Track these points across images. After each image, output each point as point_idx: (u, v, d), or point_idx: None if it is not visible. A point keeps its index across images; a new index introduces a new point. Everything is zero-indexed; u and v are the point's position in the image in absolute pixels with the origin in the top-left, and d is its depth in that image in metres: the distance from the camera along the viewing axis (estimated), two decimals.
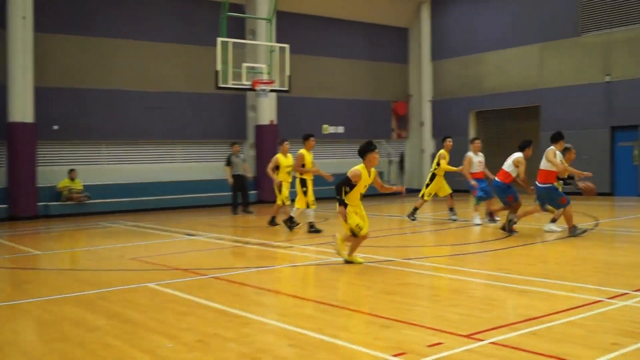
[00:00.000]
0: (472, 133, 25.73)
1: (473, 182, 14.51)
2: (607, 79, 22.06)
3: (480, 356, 5.12)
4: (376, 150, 9.19)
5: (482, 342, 5.44)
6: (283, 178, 14.63)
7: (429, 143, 27.56)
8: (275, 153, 22.31)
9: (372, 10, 26.38)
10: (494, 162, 16.30)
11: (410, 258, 10.16)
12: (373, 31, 26.92)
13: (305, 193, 13.52)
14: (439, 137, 26.82)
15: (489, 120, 26.08)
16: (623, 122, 21.79)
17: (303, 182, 13.56)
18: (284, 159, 14.69)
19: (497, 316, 6.33)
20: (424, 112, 27.76)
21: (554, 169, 12.11)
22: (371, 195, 24.73)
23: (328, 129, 23.12)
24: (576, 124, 22.44)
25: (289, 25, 23.34)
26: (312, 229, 13.54)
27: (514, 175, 12.68)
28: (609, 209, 13.35)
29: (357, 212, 9.25)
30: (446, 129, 26.46)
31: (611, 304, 6.73)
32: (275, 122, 22.69)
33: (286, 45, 18.68)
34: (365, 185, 9.21)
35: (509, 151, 24.47)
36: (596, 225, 12.72)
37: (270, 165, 14.77)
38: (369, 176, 9.17)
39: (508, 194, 12.78)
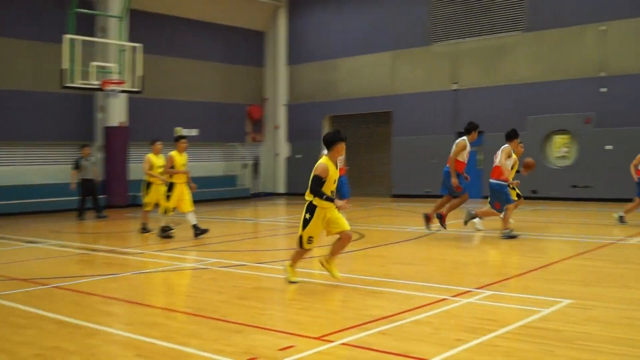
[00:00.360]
0: None
1: None
2: (454, 86, 23.20)
3: (331, 357, 5.16)
4: (345, 140, 7.98)
5: (333, 343, 5.48)
6: (155, 180, 14.10)
7: (283, 147, 27.77)
8: (125, 155, 21.77)
9: (228, 12, 26.19)
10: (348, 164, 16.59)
11: (264, 262, 10.11)
12: (229, 34, 26.72)
13: (168, 197, 13.12)
14: (295, 141, 27.21)
15: (343, 125, 26.59)
16: None
17: (170, 186, 13.14)
18: (156, 159, 14.19)
19: (347, 317, 6.40)
20: (279, 116, 27.93)
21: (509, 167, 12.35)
22: (226, 198, 24.68)
23: (181, 131, 22.69)
24: (425, 130, 23.55)
25: (142, 25, 22.63)
26: (164, 234, 13.17)
27: (460, 159, 12.76)
28: (456, 211, 13.94)
29: (327, 216, 7.97)
30: (301, 133, 26.78)
31: (456, 301, 7.01)
32: (125, 124, 21.92)
33: (138, 45, 18.20)
34: (335, 180, 7.87)
35: (362, 155, 25.56)
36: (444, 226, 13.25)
37: (145, 165, 14.22)
38: (336, 169, 7.87)
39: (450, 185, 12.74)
